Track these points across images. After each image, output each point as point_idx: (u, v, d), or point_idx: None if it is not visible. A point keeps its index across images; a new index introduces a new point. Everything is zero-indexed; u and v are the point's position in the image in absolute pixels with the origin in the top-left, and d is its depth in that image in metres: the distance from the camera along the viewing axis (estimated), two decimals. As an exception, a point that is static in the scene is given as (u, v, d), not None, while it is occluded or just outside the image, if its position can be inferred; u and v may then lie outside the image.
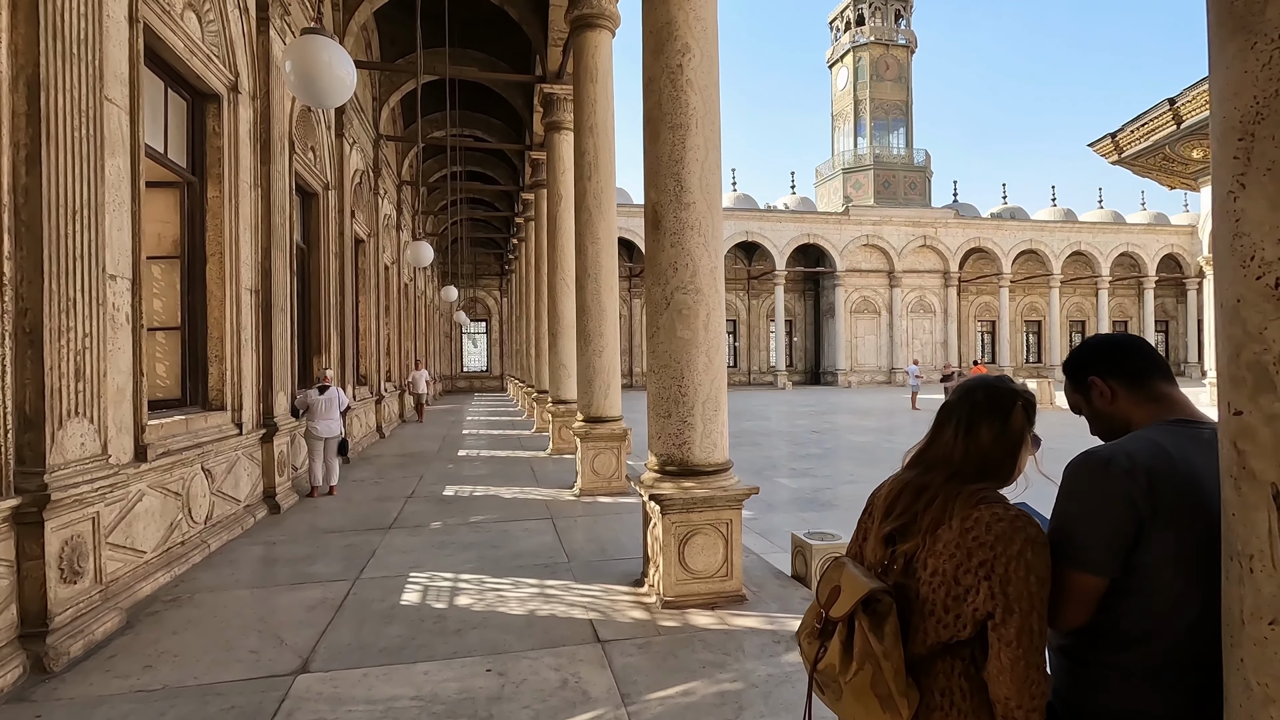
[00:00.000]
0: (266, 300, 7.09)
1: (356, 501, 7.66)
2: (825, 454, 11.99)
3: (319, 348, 9.82)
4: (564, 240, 11.44)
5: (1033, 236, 39.33)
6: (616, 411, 8.02)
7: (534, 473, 9.46)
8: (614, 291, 8.03)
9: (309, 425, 8.08)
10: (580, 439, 7.79)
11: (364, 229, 13.11)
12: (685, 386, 4.24)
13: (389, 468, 10.10)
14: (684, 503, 4.16)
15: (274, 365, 7.16)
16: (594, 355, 7.93)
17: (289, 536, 6.11)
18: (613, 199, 8.03)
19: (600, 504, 7.32)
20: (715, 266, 4.33)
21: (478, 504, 7.39)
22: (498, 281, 36.82)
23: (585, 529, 6.26)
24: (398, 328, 17.54)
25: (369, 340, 13.46)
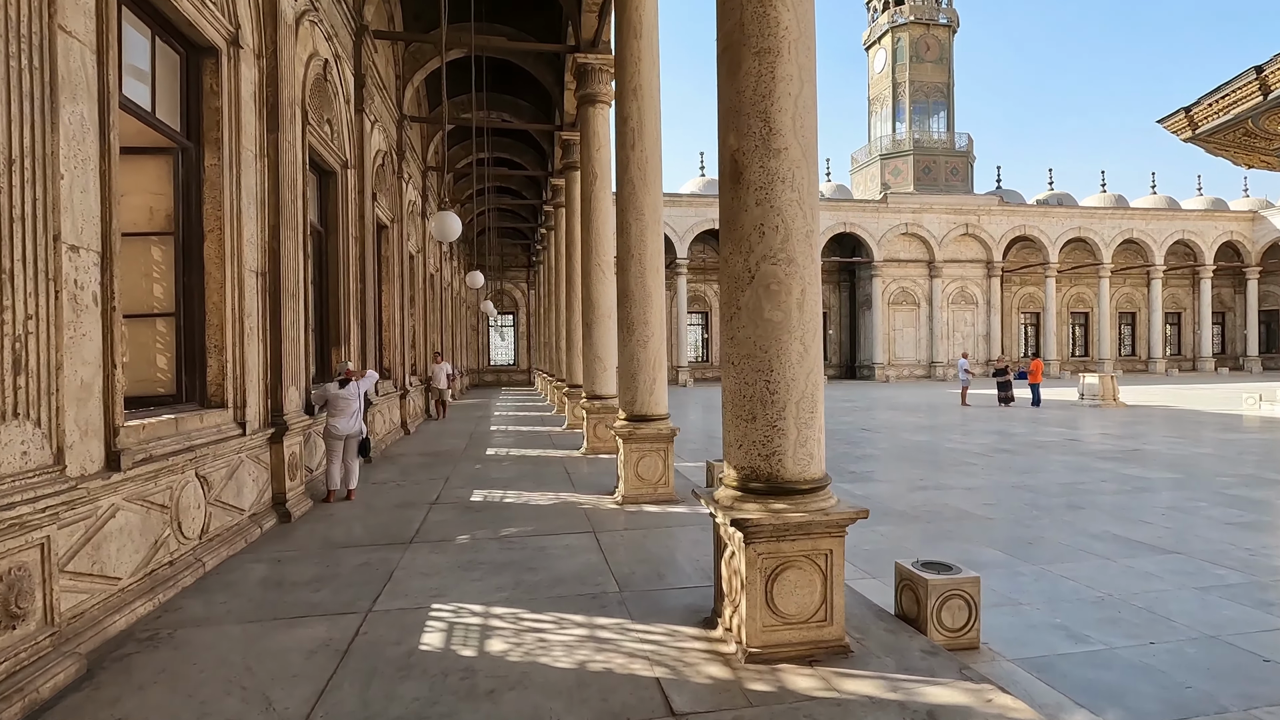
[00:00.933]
0: (274, 284, 6.35)
1: (376, 508, 6.90)
2: (883, 455, 10.99)
3: (338, 339, 9.10)
4: (599, 222, 10.59)
5: (1081, 224, 37.53)
6: (663, 409, 7.16)
7: (569, 475, 8.64)
8: (660, 274, 7.16)
9: (328, 422, 7.36)
10: (622, 440, 6.95)
11: (387, 214, 12.41)
12: (775, 382, 3.35)
13: (413, 468, 9.37)
14: (774, 529, 3.28)
15: (283, 357, 6.42)
16: (638, 346, 7.06)
17: (297, 552, 5.36)
18: (659, 170, 7.14)
19: (646, 514, 6.46)
20: (811, 230, 3.42)
21: (509, 513, 6.59)
22: (525, 273, 36.18)
23: (633, 546, 5.41)
24: (423, 319, 16.88)
25: (392, 332, 12.77)
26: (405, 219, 14.15)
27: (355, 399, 7.48)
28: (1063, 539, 5.98)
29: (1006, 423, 15.46)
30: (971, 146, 37.63)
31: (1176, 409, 18.29)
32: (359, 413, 7.58)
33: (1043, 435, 13.30)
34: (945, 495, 7.82)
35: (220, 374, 5.48)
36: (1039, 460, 10.28)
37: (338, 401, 7.34)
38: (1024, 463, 10.06)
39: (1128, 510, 7.03)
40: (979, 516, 6.86)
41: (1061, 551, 5.61)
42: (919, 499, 7.65)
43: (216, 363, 5.48)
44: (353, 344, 9.58)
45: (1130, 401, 19.60)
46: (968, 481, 8.63)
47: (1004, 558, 5.46)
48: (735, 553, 3.44)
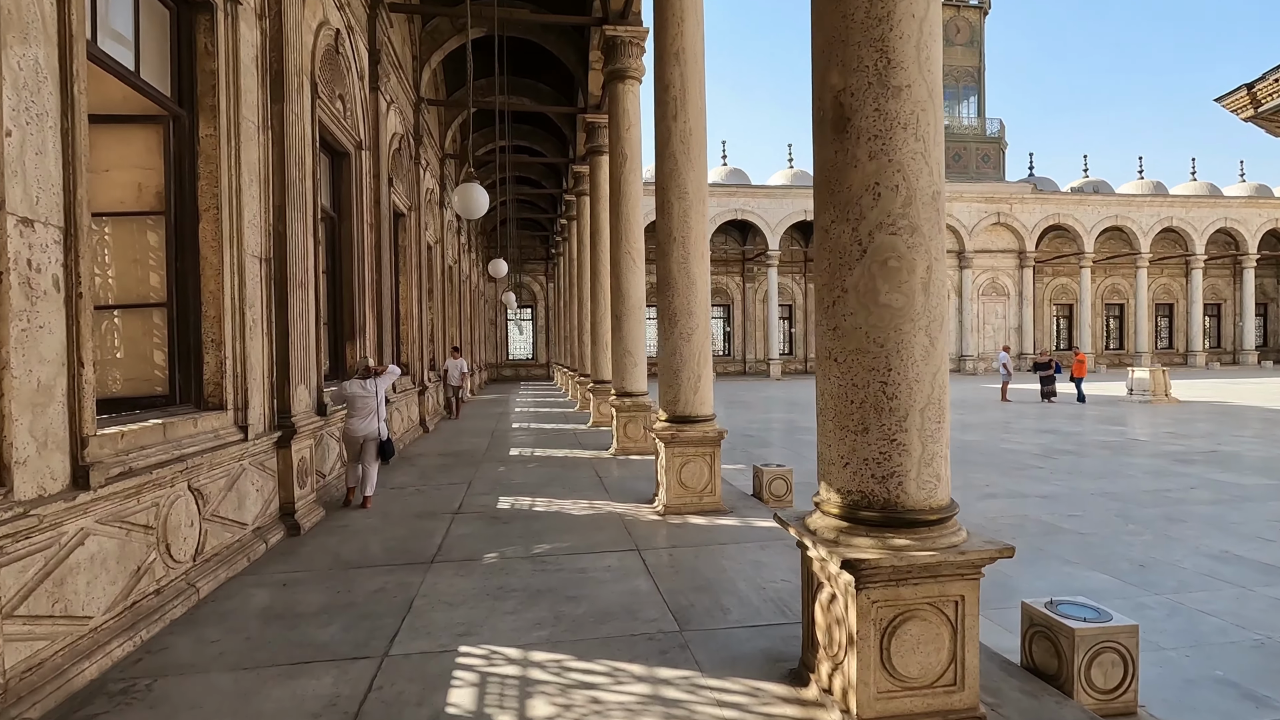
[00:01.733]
0: (280, 272, 5.72)
1: (394, 518, 6.28)
2: (934, 456, 10.19)
3: (353, 332, 8.50)
4: (629, 207, 9.88)
5: (1118, 212, 36.15)
6: (708, 409, 6.46)
7: (600, 479, 7.98)
8: (705, 259, 6.44)
9: (345, 423, 6.78)
10: (664, 444, 6.26)
11: (404, 201, 11.79)
12: (894, 384, 2.64)
13: (432, 470, 8.75)
14: (893, 572, 2.57)
15: (291, 352, 5.80)
16: (680, 339, 6.36)
17: (306, 572, 4.74)
18: (704, 142, 6.42)
19: (693, 528, 5.77)
20: (937, 192, 2.70)
21: (540, 525, 5.94)
22: (543, 266, 35.58)
23: (686, 569, 4.73)
24: (441, 313, 16.29)
25: (410, 325, 12.18)
26: (423, 207, 13.54)
27: (375, 397, 6.88)
28: (1178, 560, 5.21)
29: (1057, 420, 14.57)
30: (1003, 132, 36.38)
31: (1233, 405, 17.25)
32: (379, 412, 6.97)
33: (1102, 434, 12.42)
34: (1021, 505, 7.05)
35: (218, 371, 4.86)
36: (1110, 463, 9.44)
37: (356, 400, 6.74)
38: (1094, 465, 9.23)
39: (1236, 523, 6.22)
40: (1068, 531, 6.09)
41: (1184, 577, 4.84)
42: (993, 509, 6.89)
43: (214, 359, 4.86)
44: (369, 338, 8.97)
45: (1181, 397, 18.57)
46: (1041, 488, 7.84)
47: (1117, 584, 4.70)
48: (839, 598, 2.74)
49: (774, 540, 5.28)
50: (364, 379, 6.93)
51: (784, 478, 6.91)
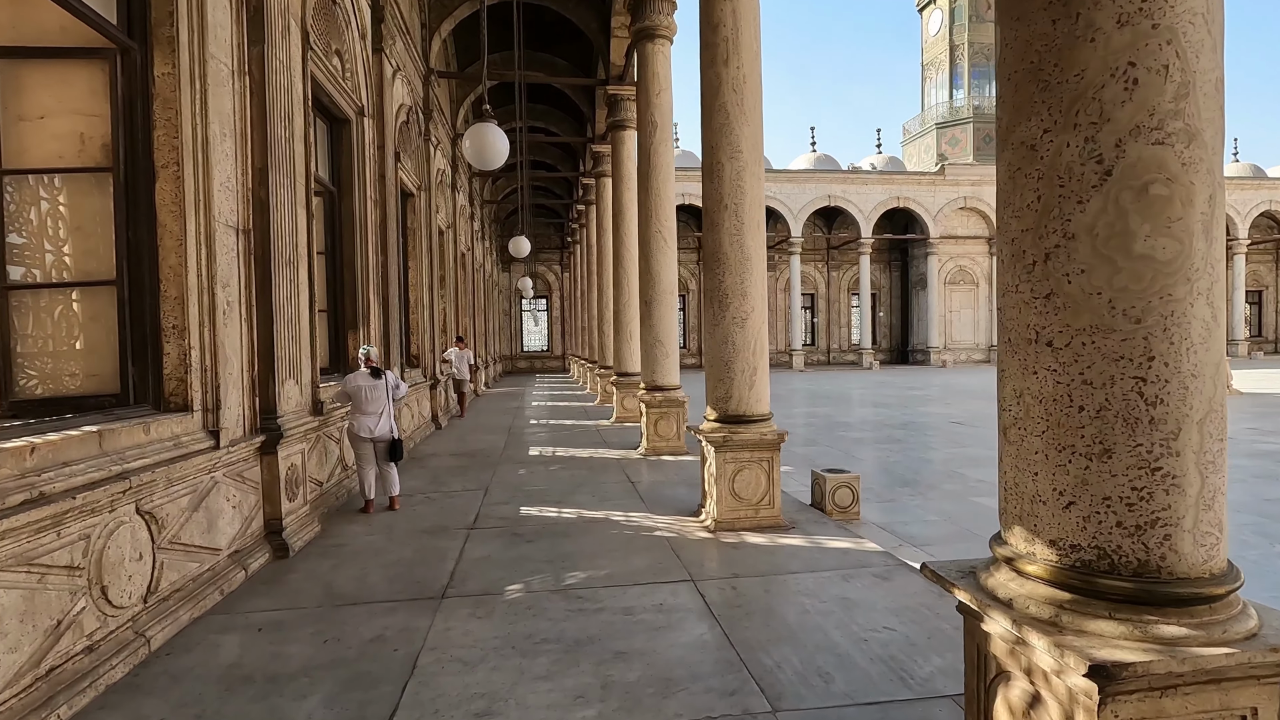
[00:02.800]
0: (263, 246, 4.83)
1: (399, 534, 5.40)
2: (999, 456, 9.19)
3: (355, 320, 7.62)
4: (660, 181, 8.92)
5: (1157, 195, 34.56)
6: (765, 406, 5.51)
7: (632, 485, 7.06)
8: (761, 230, 5.48)
9: (351, 422, 5.95)
10: (713, 447, 5.32)
11: (413, 180, 10.90)
12: (1158, 380, 1.68)
13: (445, 473, 7.88)
14: (1164, 678, 1.62)
15: (278, 342, 4.92)
16: (733, 325, 5.41)
17: (289, 609, 3.86)
18: (760, 93, 5.44)
19: (753, 549, 4.84)
20: (1220, 77, 1.73)
21: (570, 543, 5.03)
22: (558, 255, 34.67)
23: (757, 608, 3.80)
24: (454, 301, 15.43)
25: (421, 314, 11.31)
26: (434, 189, 12.65)
27: (386, 394, 6.05)
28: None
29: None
30: (1036, 112, 34.84)
31: (1303, 397, 16.04)
32: (389, 410, 6.13)
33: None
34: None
35: (181, 365, 3.98)
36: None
37: (363, 395, 5.91)
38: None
39: None
40: None
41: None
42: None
43: (176, 349, 3.98)
44: (374, 327, 8.10)
45: (1241, 388, 17.34)
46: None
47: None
48: (1053, 705, 1.79)
49: (856, 568, 4.34)
50: (375, 375, 6.08)
51: (849, 486, 5.96)
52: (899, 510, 6.39)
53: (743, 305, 5.39)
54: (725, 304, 5.41)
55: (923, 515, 6.22)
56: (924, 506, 6.52)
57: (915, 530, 5.71)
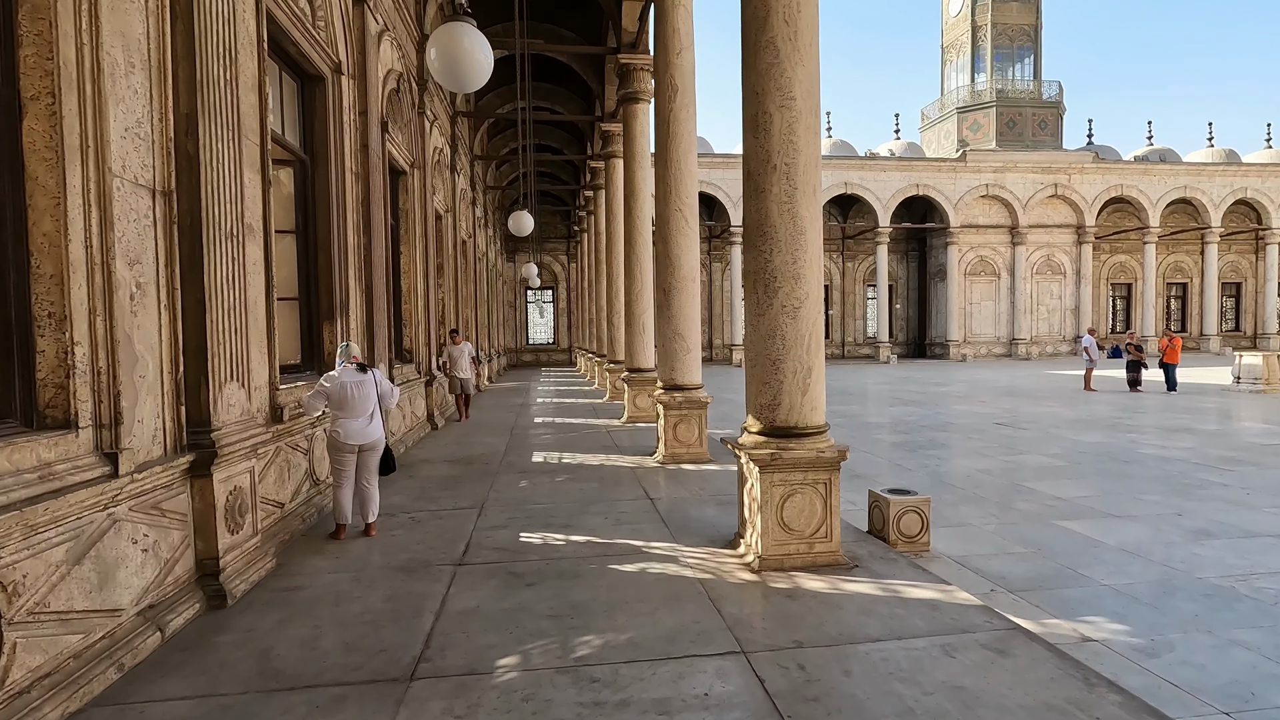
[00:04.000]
0: (191, 212, 3.81)
1: (371, 572, 4.40)
2: (1071, 469, 8.12)
3: (332, 310, 6.61)
4: (680, 152, 7.87)
5: (1187, 183, 33.26)
6: (821, 415, 4.47)
7: (651, 502, 6.05)
8: (818, 196, 4.43)
9: (333, 426, 4.98)
10: (759, 466, 4.29)
11: (405, 155, 9.87)
12: None
13: (436, 486, 6.88)
14: None
15: (213, 334, 3.91)
16: (782, 315, 4.36)
17: (200, 702, 2.86)
18: (817, 24, 4.37)
19: (812, 599, 3.81)
20: None
21: (581, 589, 4.01)
22: (564, 244, 33.64)
23: (843, 707, 2.76)
24: (453, 292, 14.42)
25: (415, 304, 10.30)
26: (430, 168, 11.61)
27: (374, 393, 5.07)
28: None
29: (1178, 415, 12.35)
30: (1062, 96, 33.50)
31: (1366, 395, 14.87)
32: (378, 412, 5.16)
33: (1252, 434, 10.23)
34: (1268, 553, 4.98)
35: (61, 366, 2.97)
36: None
37: (349, 394, 4.94)
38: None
39: None
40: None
41: None
42: (1229, 561, 4.84)
43: (53, 346, 2.96)
44: (355, 317, 7.09)
45: None
46: (1263, 520, 5.76)
47: None
48: None
49: (957, 634, 3.30)
50: (359, 369, 5.11)
51: (918, 511, 4.93)
52: (973, 538, 5.34)
53: (795, 290, 4.34)
54: (772, 289, 4.36)
55: (1004, 544, 5.17)
56: (1001, 532, 5.46)
57: (1003, 568, 4.67)
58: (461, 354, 11.74)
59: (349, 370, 5.05)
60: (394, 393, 5.35)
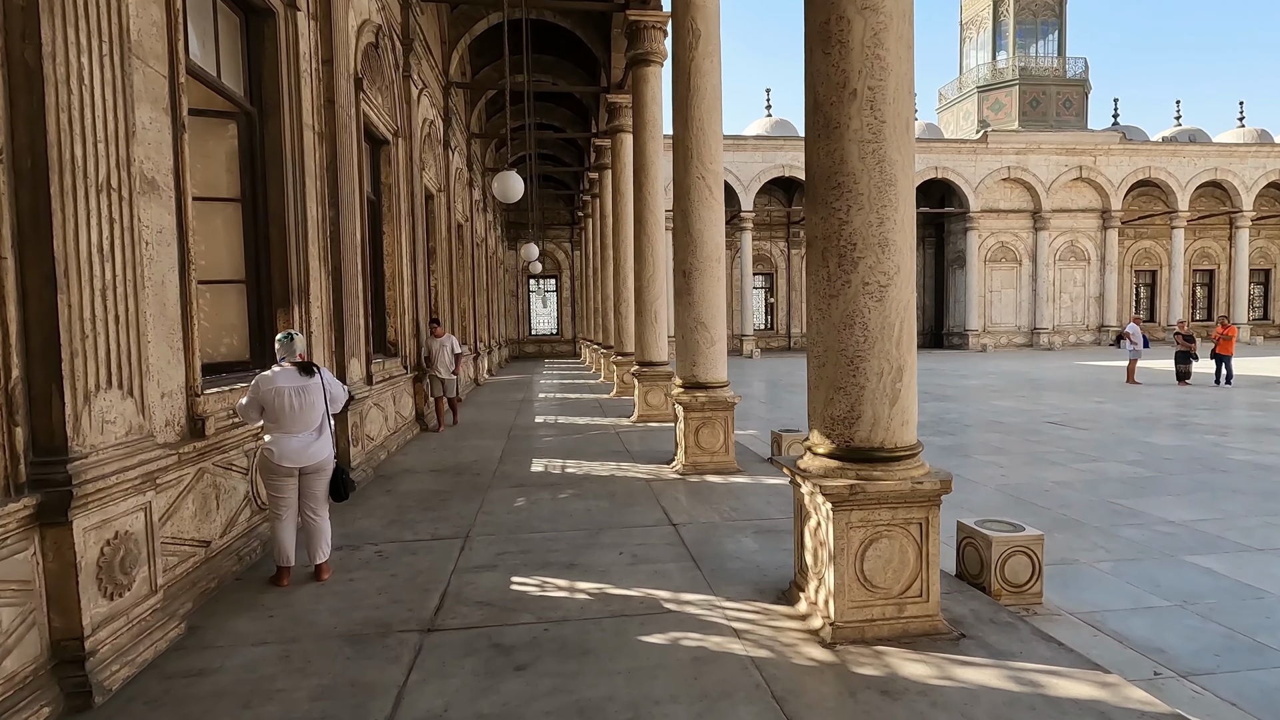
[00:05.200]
0: (34, 149, 2.67)
1: (307, 647, 3.27)
2: (1158, 480, 6.96)
3: (288, 294, 5.48)
4: (703, 110, 6.71)
5: (1218, 164, 31.81)
6: (911, 432, 3.32)
7: (674, 526, 4.92)
8: (910, 131, 3.26)
9: (265, 448, 3.85)
10: (834, 504, 3.14)
11: (386, 122, 8.70)
12: None
13: (415, 505, 5.77)
14: None
15: (68, 325, 2.78)
16: (864, 295, 3.20)
17: None
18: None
19: (913, 687, 2.69)
20: None
21: (592, 673, 2.89)
22: (568, 231, 32.42)
23: None
24: (448, 278, 13.28)
25: (400, 290, 9.17)
26: (419, 141, 10.45)
27: (320, 401, 3.94)
28: None
29: (1243, 411, 11.17)
30: (1087, 73, 32.01)
31: None
32: (327, 426, 4.03)
33: (1338, 434, 9.06)
34: None
35: None
36: None
37: (285, 404, 3.82)
38: None
39: None
40: None
41: None
42: None
43: None
44: (318, 303, 5.97)
45: None
46: None
47: None
48: None
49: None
50: (304, 371, 3.98)
51: (1028, 552, 3.78)
52: (1091, 582, 4.20)
53: (881, 262, 3.18)
54: (850, 260, 3.20)
55: (1136, 593, 4.02)
56: (1123, 573, 4.31)
57: (1153, 632, 3.52)
58: (442, 349, 9.64)
59: (287, 371, 3.92)
60: (341, 396, 4.22)
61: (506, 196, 7.87)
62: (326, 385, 4.05)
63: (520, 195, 7.93)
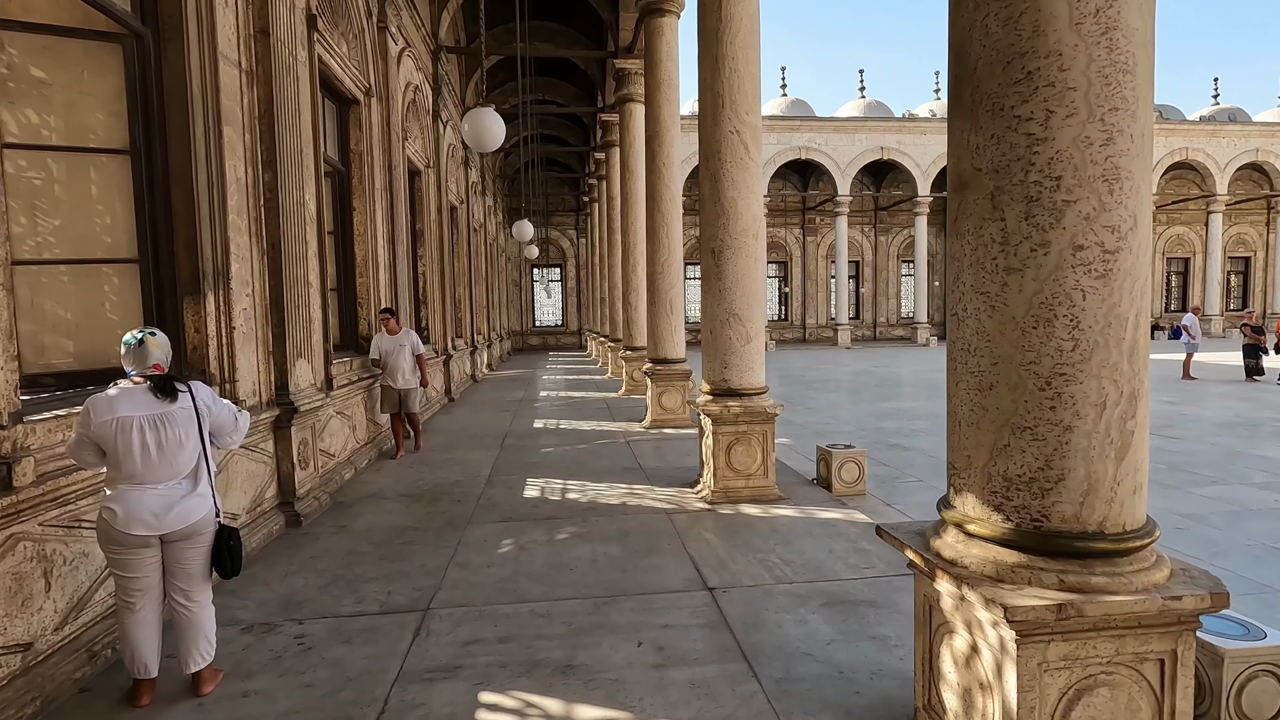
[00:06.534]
0: None
1: None
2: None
3: (198, 276, 4.16)
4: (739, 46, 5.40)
5: (1260, 145, 30.08)
6: (1143, 507, 1.95)
7: (709, 590, 3.60)
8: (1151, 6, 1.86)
9: (104, 505, 2.51)
10: (1020, 634, 1.79)
11: (355, 77, 7.34)
12: None
13: (367, 551, 4.45)
14: None
15: None
16: (1074, 266, 1.83)
17: None
18: None
19: None
20: None
21: None
22: (573, 219, 31.06)
23: None
24: (438, 264, 11.95)
25: (372, 277, 7.83)
26: (399, 106, 9.09)
27: (191, 435, 2.57)
28: None
29: (1341, 414, 9.73)
30: (1122, 49, 30.21)
31: None
32: (204, 470, 2.68)
33: None
34: None
35: None
36: None
37: (131, 444, 2.52)
38: None
39: None
40: None
41: None
42: None
43: None
44: (243, 291, 4.64)
45: None
46: None
47: None
48: None
49: None
50: (161, 390, 2.64)
51: (1274, 670, 2.42)
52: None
53: (1105, 210, 1.81)
54: (1050, 207, 1.84)
55: None
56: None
57: None
58: (399, 350, 7.11)
59: (134, 391, 2.59)
60: (231, 424, 2.89)
61: (480, 143, 6.41)
62: (204, 411, 2.72)
63: (499, 143, 6.47)
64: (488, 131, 6.72)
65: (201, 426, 2.73)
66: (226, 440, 2.92)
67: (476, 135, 6.61)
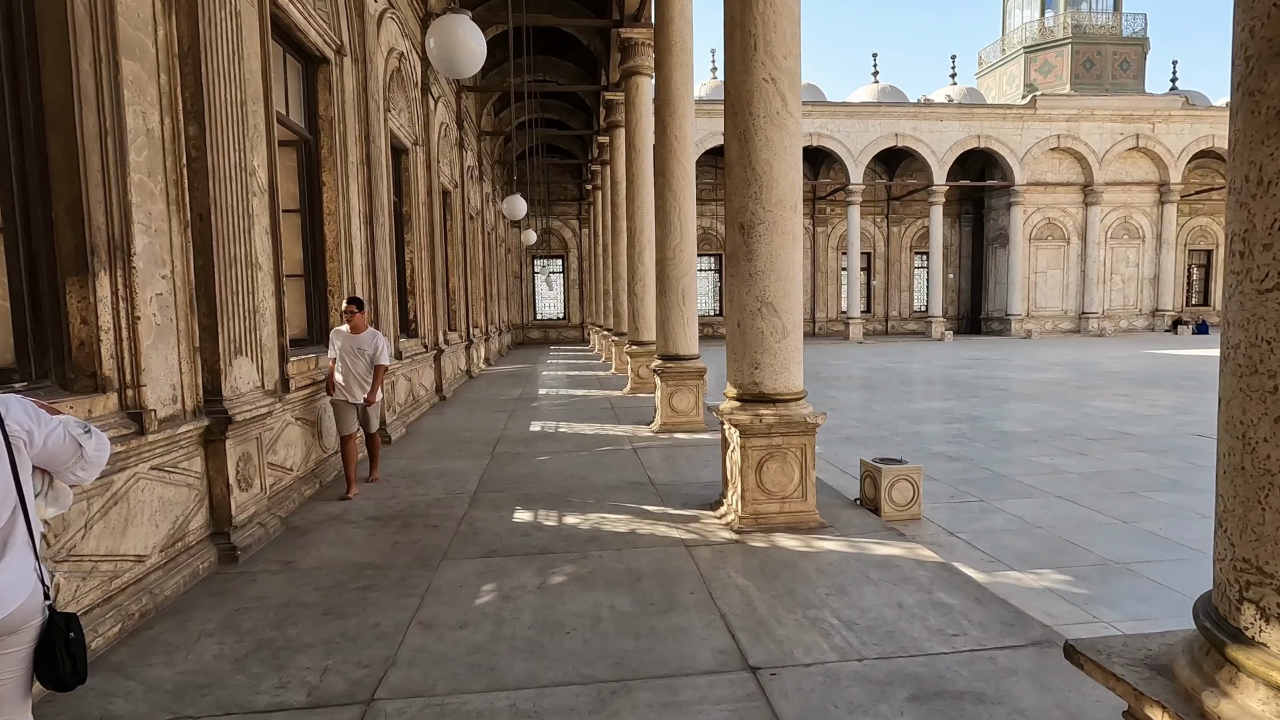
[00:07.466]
0: None
1: None
2: None
3: (86, 253, 3.20)
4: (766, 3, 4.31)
5: (1290, 132, 28.81)
6: None
7: (751, 671, 2.63)
8: None
9: None
10: None
11: (321, 30, 6.37)
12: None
13: (307, 606, 3.49)
14: None
15: None
16: None
17: None
18: None
19: None
20: None
21: None
22: (575, 208, 30.01)
23: None
24: (427, 251, 10.98)
25: (345, 261, 6.87)
26: (380, 71, 8.13)
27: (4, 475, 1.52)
28: None
29: None
30: (1146, 30, 29.12)
31: None
32: (20, 532, 1.66)
33: None
34: None
35: None
36: None
37: None
38: None
39: None
40: None
41: None
42: None
43: None
44: (157, 270, 3.69)
45: None
46: None
47: None
48: None
49: None
50: None
51: None
52: None
53: None
54: None
55: None
56: None
57: None
58: (357, 355, 5.53)
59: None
60: (89, 452, 1.92)
61: (452, 63, 5.24)
62: (21, 440, 1.75)
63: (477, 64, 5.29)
64: (461, 45, 5.25)
65: (16, 464, 1.76)
66: (71, 477, 1.95)
67: (446, 52, 5.26)
